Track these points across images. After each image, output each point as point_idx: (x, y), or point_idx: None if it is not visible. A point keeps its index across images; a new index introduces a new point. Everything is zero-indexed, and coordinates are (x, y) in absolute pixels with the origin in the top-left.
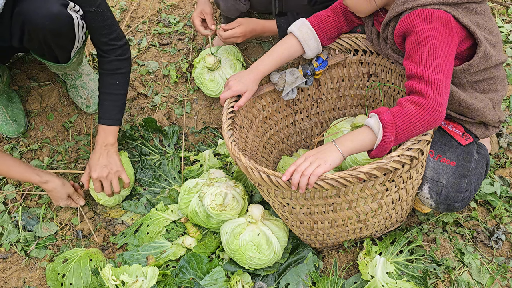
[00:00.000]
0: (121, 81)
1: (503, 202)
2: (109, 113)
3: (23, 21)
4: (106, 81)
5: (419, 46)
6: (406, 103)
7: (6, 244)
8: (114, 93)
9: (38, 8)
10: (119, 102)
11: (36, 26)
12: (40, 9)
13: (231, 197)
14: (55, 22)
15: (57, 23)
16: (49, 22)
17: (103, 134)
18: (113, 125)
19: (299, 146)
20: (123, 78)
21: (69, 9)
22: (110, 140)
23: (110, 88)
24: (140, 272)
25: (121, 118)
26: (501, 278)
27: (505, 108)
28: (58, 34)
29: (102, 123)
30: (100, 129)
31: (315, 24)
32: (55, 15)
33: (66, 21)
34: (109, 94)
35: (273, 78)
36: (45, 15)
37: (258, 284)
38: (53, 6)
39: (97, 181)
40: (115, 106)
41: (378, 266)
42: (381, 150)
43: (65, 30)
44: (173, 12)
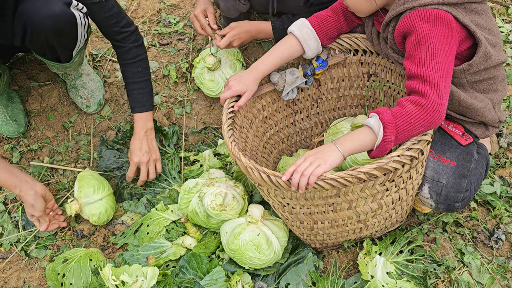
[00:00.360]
0: (143, 67)
1: (503, 202)
2: (140, 101)
3: (25, 21)
4: (130, 71)
5: (419, 46)
6: (407, 103)
7: (6, 244)
8: (141, 81)
9: (40, 8)
10: (147, 88)
11: (39, 26)
12: (42, 9)
13: (231, 197)
14: (57, 21)
15: (59, 23)
16: (51, 22)
17: (141, 121)
18: (148, 111)
19: (299, 146)
20: (145, 64)
21: (72, 8)
22: (149, 125)
23: (136, 77)
24: (140, 272)
25: (152, 103)
26: (501, 278)
27: (505, 108)
28: (60, 33)
29: (137, 111)
30: (137, 117)
31: (315, 24)
32: (57, 14)
33: (68, 20)
34: (136, 83)
35: (273, 78)
36: (47, 15)
37: (258, 284)
38: (55, 6)
39: (135, 166)
40: (144, 92)
41: (378, 266)
42: (382, 150)
43: (68, 29)
44: (173, 12)
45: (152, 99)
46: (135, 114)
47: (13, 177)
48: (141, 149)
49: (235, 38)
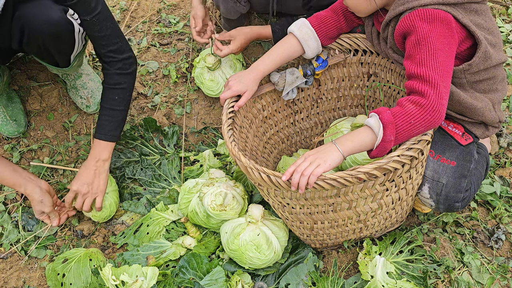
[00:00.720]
0: (120, 97)
1: (503, 202)
2: (105, 128)
3: (23, 25)
4: (106, 95)
5: (419, 46)
6: (406, 103)
7: (6, 244)
8: (113, 109)
9: (38, 13)
10: (117, 118)
11: (36, 32)
12: (40, 14)
13: (231, 197)
14: (54, 28)
15: (56, 29)
16: (48, 28)
17: (97, 149)
18: (108, 141)
19: (299, 146)
20: (123, 94)
21: (69, 16)
22: (103, 156)
23: (109, 103)
24: (140, 272)
25: (118, 134)
26: (501, 278)
27: (505, 108)
28: (57, 39)
29: (97, 137)
30: (95, 144)
31: (315, 24)
32: (55, 21)
33: (65, 27)
34: (107, 109)
35: (273, 78)
36: (44, 21)
37: (258, 284)
38: (53, 12)
39: (72, 193)
40: (112, 121)
41: (378, 266)
42: (381, 150)
43: (65, 35)
44: (173, 12)
45: (119, 131)
46: (94, 139)
47: (17, 176)
48: (83, 179)
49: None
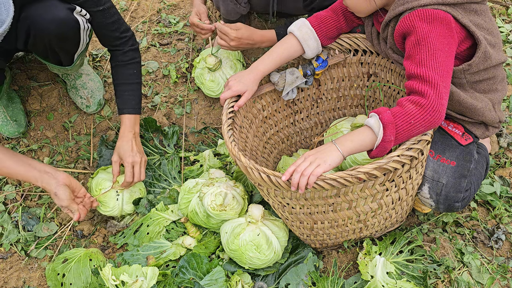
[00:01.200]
0: (137, 70)
1: (503, 202)
2: (131, 102)
3: (29, 25)
4: (123, 72)
5: (419, 46)
6: (407, 103)
7: (6, 244)
8: (133, 83)
9: (44, 13)
10: (138, 91)
11: (42, 31)
12: (46, 14)
13: (231, 197)
14: (61, 27)
15: (63, 28)
16: (55, 27)
17: (128, 123)
18: (137, 114)
19: (299, 146)
20: (139, 67)
21: (76, 14)
22: (136, 129)
23: (129, 79)
24: (140, 272)
25: (141, 107)
26: (501, 278)
27: (505, 108)
28: (64, 38)
29: (126, 112)
30: (126, 119)
31: (315, 24)
32: (62, 20)
33: (72, 25)
34: (128, 84)
35: (273, 78)
36: (51, 20)
37: (258, 284)
38: (60, 11)
39: (131, 166)
40: (135, 95)
41: (378, 266)
42: (381, 150)
43: (71, 34)
44: (173, 12)
45: (141, 104)
46: (123, 115)
47: (32, 169)
48: (132, 149)
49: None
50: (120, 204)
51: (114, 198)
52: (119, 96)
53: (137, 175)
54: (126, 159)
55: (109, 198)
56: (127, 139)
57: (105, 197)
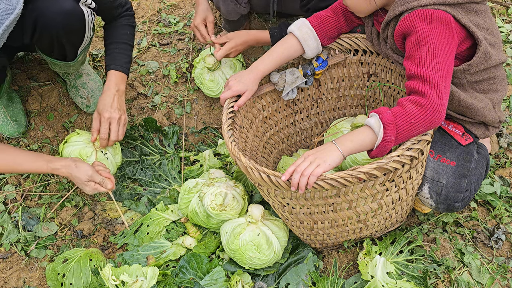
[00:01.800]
0: (131, 33)
1: (503, 202)
2: (120, 60)
3: (36, 17)
4: (116, 31)
5: (419, 46)
6: (407, 103)
7: (6, 244)
8: (125, 43)
9: (51, 5)
10: (129, 52)
11: (49, 23)
12: (53, 5)
13: (231, 197)
14: (68, 18)
15: (70, 19)
16: (62, 18)
17: (114, 79)
18: (124, 72)
19: (299, 146)
20: (132, 31)
21: (81, 4)
22: (121, 87)
23: (121, 38)
24: (140, 272)
25: (129, 69)
26: (501, 278)
27: (505, 108)
28: (70, 30)
29: (113, 68)
30: (111, 75)
31: (315, 24)
32: (68, 11)
33: (78, 17)
34: (120, 43)
35: (273, 78)
36: (58, 11)
37: (258, 284)
38: (66, 3)
39: (107, 122)
40: (125, 54)
41: (378, 266)
42: (382, 150)
43: (77, 26)
44: (173, 12)
45: (129, 66)
46: (109, 71)
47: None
48: (112, 105)
49: (232, 50)
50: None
51: (104, 158)
52: (108, 54)
53: (113, 132)
54: (103, 113)
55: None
56: (109, 93)
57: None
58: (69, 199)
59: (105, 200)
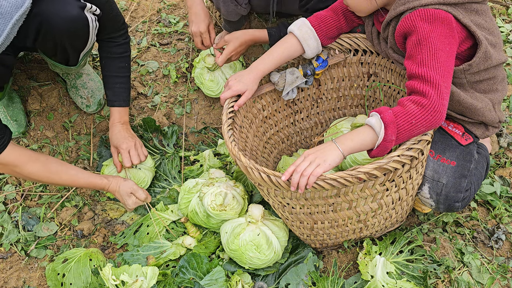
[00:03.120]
0: (128, 63)
1: (503, 202)
2: (122, 95)
3: (41, 22)
4: (115, 65)
5: (420, 46)
6: (408, 103)
7: (6, 244)
8: (124, 76)
9: (57, 10)
10: (128, 84)
11: (54, 28)
12: (59, 11)
13: (231, 197)
14: (73, 24)
15: (75, 26)
16: (67, 24)
17: (118, 114)
18: (126, 106)
19: (299, 146)
20: (129, 61)
21: (86, 11)
22: (126, 119)
23: (120, 71)
24: (140, 272)
25: (130, 99)
26: (501, 278)
27: (505, 108)
28: (74, 36)
29: (117, 105)
30: (115, 111)
31: (315, 24)
32: (74, 17)
33: (83, 23)
34: (120, 77)
35: (273, 78)
36: (64, 17)
37: (258, 284)
38: (72, 9)
39: (126, 152)
40: (126, 88)
41: (378, 266)
42: (382, 150)
43: (82, 32)
44: (173, 12)
45: (130, 96)
46: (114, 108)
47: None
48: (124, 136)
49: (232, 53)
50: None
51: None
52: (109, 88)
53: (134, 157)
54: (121, 146)
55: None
56: (117, 128)
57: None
58: (69, 199)
59: (104, 200)
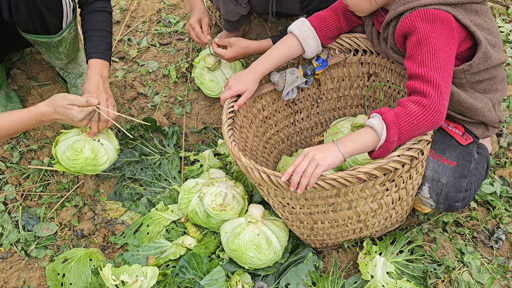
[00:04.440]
0: (108, 19)
1: (503, 202)
2: (99, 47)
3: None
4: (92, 19)
5: (420, 46)
6: (409, 103)
7: (6, 244)
8: (103, 29)
9: None
10: (108, 39)
11: None
12: None
13: (231, 197)
14: None
15: None
16: None
17: (96, 66)
18: (105, 60)
19: (299, 146)
20: (109, 17)
21: None
22: (104, 73)
23: (98, 25)
24: (140, 272)
25: (110, 56)
26: (501, 278)
27: (505, 108)
28: None
29: (94, 57)
30: (93, 63)
31: (315, 24)
32: None
33: None
34: (98, 31)
35: (273, 78)
36: None
37: (258, 284)
38: None
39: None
40: (104, 42)
41: (378, 266)
42: (384, 151)
43: None
44: (173, 12)
45: (111, 52)
46: (90, 60)
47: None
48: (98, 88)
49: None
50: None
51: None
52: (87, 42)
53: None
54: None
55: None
56: (93, 79)
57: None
58: (69, 199)
59: (105, 200)
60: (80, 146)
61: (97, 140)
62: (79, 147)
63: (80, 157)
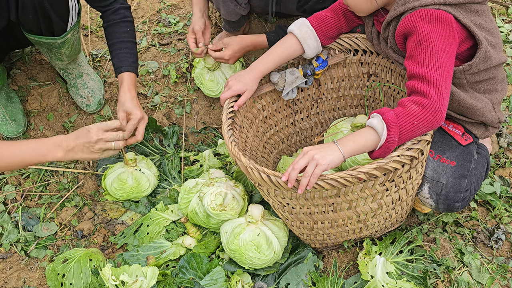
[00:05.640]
0: (131, 29)
1: (503, 202)
2: (128, 60)
3: None
4: (116, 31)
5: (420, 46)
6: (409, 103)
7: (6, 244)
8: (128, 41)
9: None
10: (134, 50)
11: None
12: None
13: (231, 197)
14: None
15: None
16: None
17: (129, 80)
18: (134, 73)
19: (299, 146)
20: (132, 26)
21: None
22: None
23: (123, 37)
24: (140, 272)
25: (137, 68)
26: (501, 278)
27: (505, 108)
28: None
29: (124, 70)
30: (125, 76)
31: (315, 24)
32: None
33: None
34: (123, 43)
35: (273, 78)
36: None
37: (258, 284)
38: None
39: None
40: (132, 54)
41: (378, 266)
42: (384, 151)
43: None
44: (173, 12)
45: (138, 64)
46: (122, 74)
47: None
48: (139, 106)
49: (229, 57)
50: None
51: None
52: (115, 56)
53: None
54: (135, 112)
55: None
56: (130, 95)
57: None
58: (69, 199)
59: (104, 200)
60: (124, 177)
61: (139, 169)
62: (124, 178)
63: (125, 186)
